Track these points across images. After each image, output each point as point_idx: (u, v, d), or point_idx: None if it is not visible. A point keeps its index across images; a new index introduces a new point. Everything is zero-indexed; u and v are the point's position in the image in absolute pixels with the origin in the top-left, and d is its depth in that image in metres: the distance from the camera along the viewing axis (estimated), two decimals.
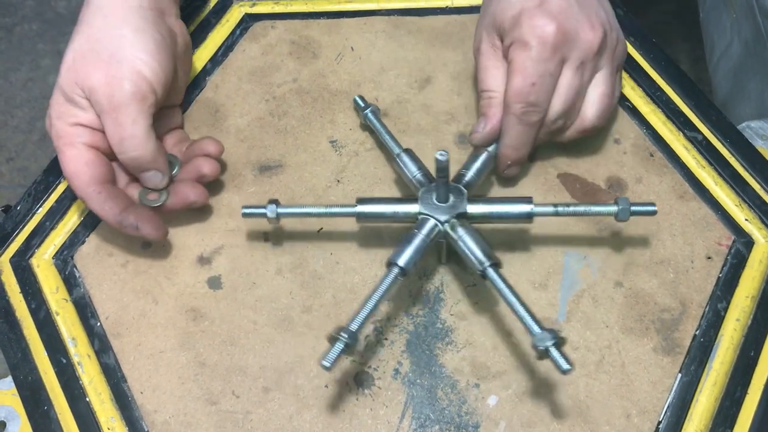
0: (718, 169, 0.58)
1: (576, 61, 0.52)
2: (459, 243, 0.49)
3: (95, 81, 0.50)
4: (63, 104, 0.52)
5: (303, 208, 0.52)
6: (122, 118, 0.50)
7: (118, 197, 0.52)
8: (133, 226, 0.51)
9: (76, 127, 0.51)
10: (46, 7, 1.80)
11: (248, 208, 0.52)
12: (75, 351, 0.51)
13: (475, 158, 0.55)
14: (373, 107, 0.59)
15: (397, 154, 0.55)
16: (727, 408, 0.49)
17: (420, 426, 0.48)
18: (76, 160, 0.51)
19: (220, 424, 0.49)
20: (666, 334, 0.51)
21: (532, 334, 0.45)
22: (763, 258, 0.54)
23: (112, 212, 0.51)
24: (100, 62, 0.51)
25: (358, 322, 0.46)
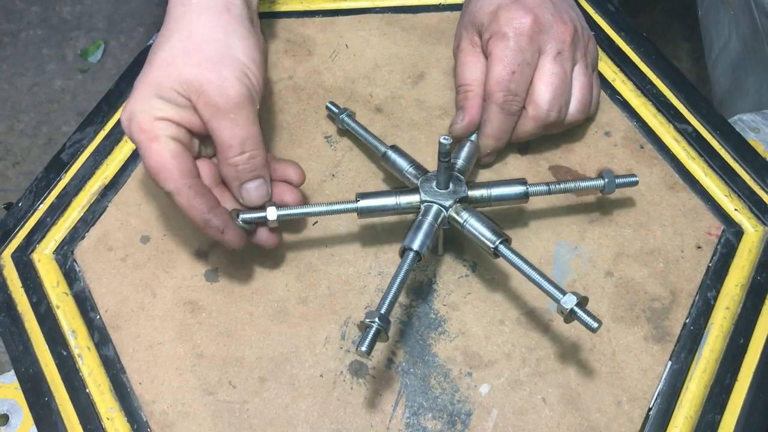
0: (708, 160, 0.58)
1: (553, 51, 0.55)
2: (466, 225, 0.50)
3: (204, 80, 0.48)
4: (151, 99, 0.49)
5: (304, 208, 0.52)
6: (241, 118, 0.49)
7: (207, 195, 0.49)
8: (218, 228, 0.49)
9: (161, 121, 0.49)
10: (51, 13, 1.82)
11: (247, 214, 0.51)
12: (75, 343, 0.52)
13: (461, 147, 0.56)
14: (348, 111, 0.59)
15: (384, 152, 0.55)
16: (717, 395, 0.49)
17: (413, 414, 0.49)
18: (163, 153, 0.48)
19: (217, 414, 0.49)
20: (656, 322, 0.52)
21: (555, 299, 0.46)
22: (753, 247, 0.54)
23: (200, 209, 0.49)
24: (209, 63, 0.49)
25: (386, 305, 0.46)
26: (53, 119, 1.66)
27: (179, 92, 0.49)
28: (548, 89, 0.55)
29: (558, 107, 0.55)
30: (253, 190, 0.51)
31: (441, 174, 0.51)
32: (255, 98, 0.51)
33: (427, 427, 0.49)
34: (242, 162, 0.50)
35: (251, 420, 0.49)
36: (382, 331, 0.44)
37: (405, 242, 0.49)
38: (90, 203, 0.58)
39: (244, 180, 0.51)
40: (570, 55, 0.55)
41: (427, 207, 0.51)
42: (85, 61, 1.75)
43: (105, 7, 1.84)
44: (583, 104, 0.57)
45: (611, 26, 0.65)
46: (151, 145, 0.48)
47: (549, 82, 0.55)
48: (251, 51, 0.51)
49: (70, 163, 0.60)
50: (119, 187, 0.59)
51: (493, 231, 0.49)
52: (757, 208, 0.56)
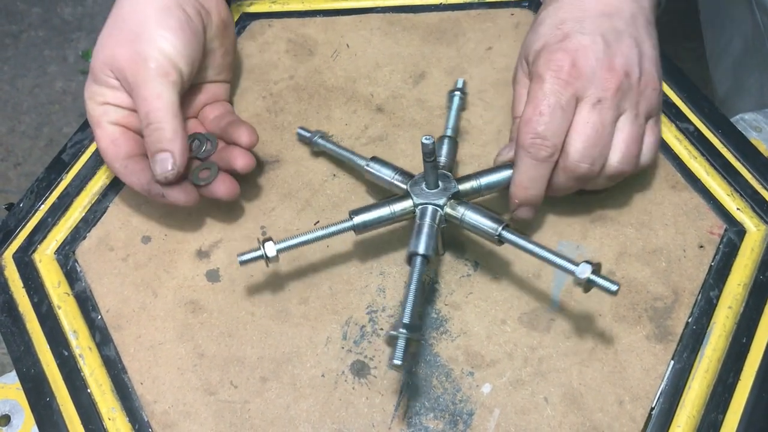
0: (710, 160, 0.58)
1: (592, 99, 0.50)
2: (465, 219, 0.50)
3: (121, 59, 0.52)
4: (92, 85, 0.54)
5: (301, 237, 0.51)
6: (146, 92, 0.52)
7: (144, 171, 0.53)
8: (159, 194, 0.53)
9: (104, 106, 0.54)
10: (52, 14, 1.83)
11: (244, 255, 0.50)
12: (76, 344, 0.52)
13: (440, 145, 0.56)
14: (320, 133, 0.59)
15: (366, 164, 0.55)
16: (720, 394, 0.49)
17: (415, 414, 0.49)
18: (103, 138, 0.53)
19: (218, 414, 0.49)
20: (659, 321, 0.52)
21: (570, 272, 0.46)
22: (755, 246, 0.54)
23: (139, 183, 0.53)
24: (126, 41, 0.52)
25: (409, 313, 0.46)
26: (54, 120, 1.66)
27: (107, 74, 0.53)
28: (579, 138, 0.50)
29: (591, 159, 0.50)
30: (158, 163, 0.52)
31: (428, 174, 0.50)
32: (168, 70, 0.52)
33: (429, 426, 0.48)
34: (147, 134, 0.52)
35: (252, 420, 0.49)
36: (412, 340, 0.44)
37: (410, 248, 0.49)
38: (91, 203, 0.58)
39: (152, 151, 0.52)
40: (613, 104, 0.50)
41: (422, 210, 0.51)
42: (86, 62, 1.75)
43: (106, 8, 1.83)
44: (626, 156, 0.51)
45: None
46: (96, 132, 0.54)
47: (581, 131, 0.50)
48: (170, 22, 0.53)
49: (72, 164, 0.60)
50: (120, 188, 0.59)
51: (492, 219, 0.49)
52: (759, 207, 0.56)
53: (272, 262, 0.50)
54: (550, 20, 0.54)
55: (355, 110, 0.62)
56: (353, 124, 0.61)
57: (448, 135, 0.57)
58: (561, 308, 0.52)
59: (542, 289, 0.53)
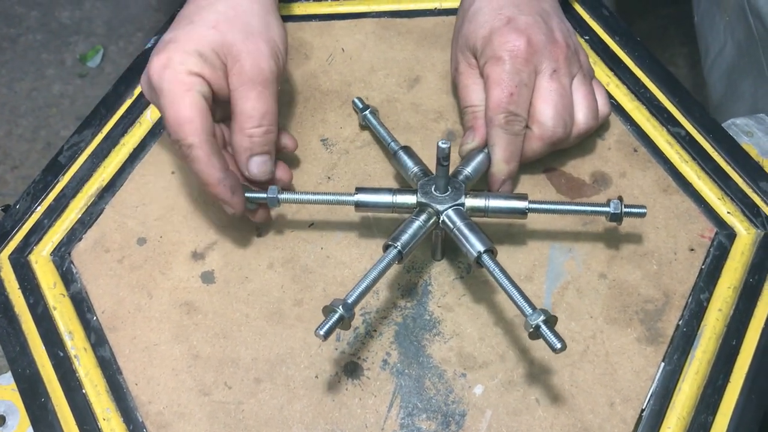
0: (701, 164, 0.59)
1: (549, 70, 0.55)
2: (455, 231, 0.50)
3: (243, 49, 0.51)
4: (191, 53, 0.51)
5: (304, 195, 0.53)
6: (267, 93, 0.52)
7: (223, 156, 0.51)
8: (231, 188, 0.51)
9: (196, 76, 0.50)
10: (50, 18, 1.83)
11: (251, 192, 0.53)
12: (72, 344, 0.53)
13: (471, 158, 0.56)
14: (371, 108, 0.60)
15: (395, 152, 0.56)
16: (710, 396, 0.50)
17: (408, 415, 0.49)
18: (194, 105, 0.49)
19: (212, 414, 0.50)
20: (649, 324, 0.52)
21: (525, 314, 0.46)
22: (745, 249, 0.55)
23: (216, 167, 0.50)
24: (250, 35, 0.52)
25: (355, 295, 0.47)
26: (52, 124, 1.66)
27: (218, 54, 0.51)
28: (549, 106, 0.55)
29: (563, 123, 0.55)
30: (261, 164, 0.53)
31: (439, 178, 0.51)
32: (280, 79, 0.54)
33: (422, 427, 0.49)
34: (258, 134, 0.52)
35: (246, 421, 0.49)
36: (345, 319, 0.45)
37: (390, 238, 0.50)
38: (87, 205, 0.59)
39: (255, 152, 0.52)
40: (566, 71, 0.56)
41: (421, 208, 0.52)
42: (84, 65, 1.75)
43: (104, 12, 1.85)
44: (590, 110, 0.56)
45: (605, 31, 0.66)
46: (185, 96, 0.49)
47: (549, 99, 0.55)
48: (283, 34, 0.56)
49: (68, 166, 0.61)
50: (116, 190, 0.59)
51: (479, 240, 0.49)
52: (749, 210, 0.56)
53: (272, 206, 0.54)
54: (487, 8, 0.57)
55: (350, 114, 0.62)
56: (348, 128, 0.62)
57: (484, 151, 0.56)
58: (553, 310, 0.53)
59: (534, 291, 0.54)
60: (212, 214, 0.58)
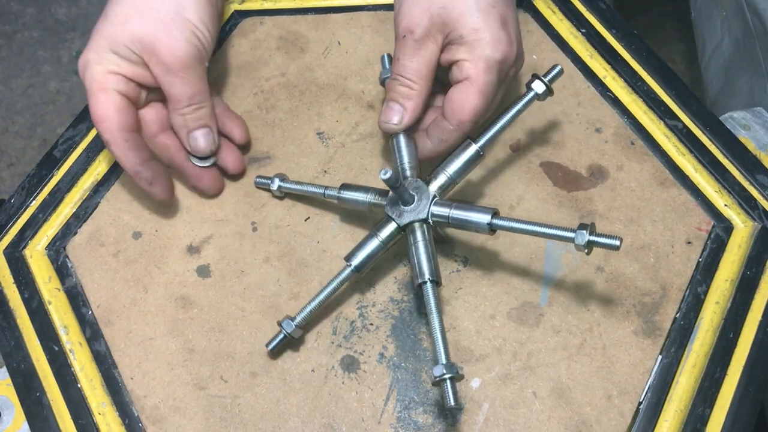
0: (698, 156, 0.58)
1: (505, 78, 0.53)
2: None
3: (156, 40, 0.52)
4: (106, 52, 0.52)
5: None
6: (190, 76, 0.53)
7: (142, 149, 0.53)
8: (147, 180, 0.53)
9: (114, 75, 0.53)
10: (46, 15, 1.82)
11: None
12: (67, 339, 0.52)
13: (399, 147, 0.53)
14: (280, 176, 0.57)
15: (338, 192, 0.54)
16: (707, 388, 0.50)
17: (404, 408, 0.49)
18: (108, 104, 0.52)
19: (208, 408, 0.49)
20: (647, 317, 0.52)
21: (570, 239, 0.45)
22: (742, 242, 0.55)
23: (132, 161, 0.52)
24: (160, 23, 0.52)
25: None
26: (48, 121, 1.66)
27: (132, 50, 0.53)
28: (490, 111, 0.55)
29: None
30: (201, 137, 0.55)
31: (401, 196, 0.49)
32: (204, 57, 0.55)
33: (418, 420, 0.49)
34: (189, 112, 0.54)
35: (242, 414, 0.49)
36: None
37: (417, 278, 0.48)
38: (82, 199, 0.58)
39: (191, 128, 0.55)
40: None
41: (410, 229, 0.50)
42: None
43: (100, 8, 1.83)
44: None
45: (602, 24, 0.66)
46: (99, 96, 0.52)
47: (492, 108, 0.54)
48: (201, 11, 0.55)
49: (63, 160, 0.60)
50: (111, 184, 0.59)
51: (480, 210, 0.48)
52: (746, 203, 0.56)
53: (275, 196, 0.57)
54: None
55: (346, 107, 0.62)
56: (344, 121, 0.61)
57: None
58: (550, 303, 0.53)
59: (531, 284, 0.53)
60: (207, 208, 0.58)
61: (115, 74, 0.53)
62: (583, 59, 0.64)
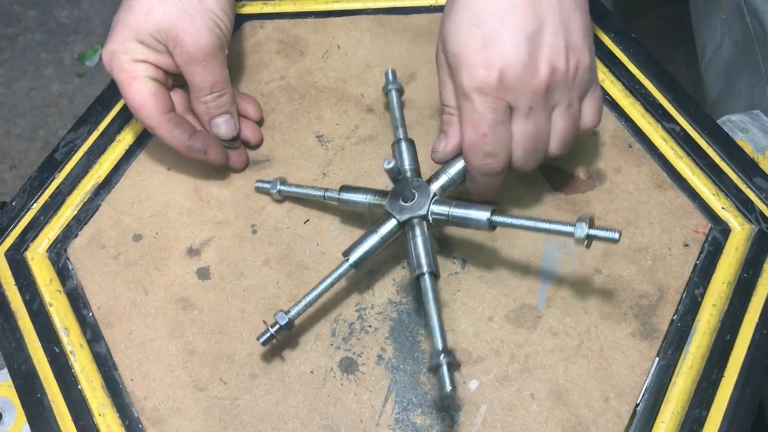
0: (696, 159, 0.59)
1: (524, 108, 0.48)
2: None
3: (180, 30, 0.54)
4: (131, 42, 0.54)
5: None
6: (212, 65, 0.55)
7: (185, 124, 0.56)
8: (201, 150, 0.56)
9: (140, 63, 0.54)
10: (48, 18, 1.83)
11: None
12: (68, 340, 0.53)
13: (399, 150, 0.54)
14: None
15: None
16: (704, 390, 0.50)
17: (403, 409, 0.49)
18: (142, 91, 0.54)
19: (208, 410, 0.50)
20: (644, 319, 0.52)
21: (569, 234, 0.45)
22: (739, 245, 0.55)
23: (181, 138, 0.55)
24: (184, 13, 0.54)
25: (440, 338, 0.45)
26: (50, 123, 1.66)
27: (156, 39, 0.54)
28: (521, 151, 0.50)
29: (534, 161, 0.51)
30: (222, 124, 0.58)
31: (402, 191, 0.50)
32: (224, 44, 0.57)
33: (417, 422, 0.49)
34: (211, 100, 0.57)
35: (242, 416, 0.49)
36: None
37: (414, 270, 0.48)
38: (83, 202, 0.59)
39: (213, 115, 0.57)
40: (544, 105, 0.49)
41: (409, 225, 0.50)
42: (82, 65, 1.75)
43: (102, 11, 1.85)
44: (564, 143, 0.51)
45: (600, 27, 0.66)
46: (132, 84, 0.54)
47: (521, 144, 0.50)
48: (222, 1, 0.56)
49: (64, 163, 0.61)
50: (112, 186, 0.60)
51: (479, 207, 0.48)
52: (744, 206, 0.57)
53: (275, 199, 0.58)
54: (467, 13, 0.48)
55: (345, 110, 0.62)
56: (344, 124, 0.62)
57: (401, 138, 0.55)
58: (547, 305, 0.53)
59: (529, 286, 0.54)
60: (207, 210, 0.58)
61: (143, 62, 0.54)
62: None
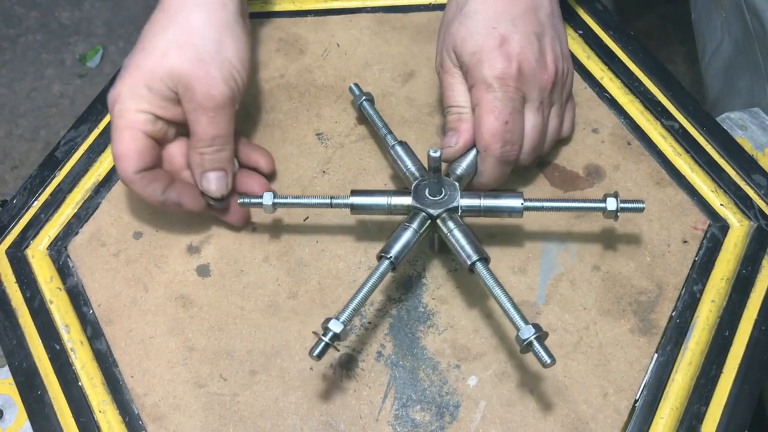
0: (695, 157, 0.59)
1: (536, 102, 0.53)
2: (449, 237, 0.50)
3: (193, 77, 0.51)
4: (140, 87, 0.51)
5: (300, 199, 0.53)
6: (219, 117, 0.52)
7: (159, 179, 0.53)
8: (176, 203, 0.53)
9: (145, 114, 0.52)
10: (50, 18, 1.83)
11: (245, 199, 0.53)
12: (68, 338, 0.53)
13: (465, 154, 0.55)
14: (368, 96, 0.60)
15: (392, 146, 0.56)
16: (703, 386, 0.50)
17: (402, 406, 0.50)
18: (129, 145, 0.51)
19: (208, 406, 0.50)
20: (643, 315, 0.52)
21: (517, 328, 0.46)
22: (738, 241, 0.55)
23: (154, 194, 0.52)
24: (200, 61, 0.51)
25: (347, 314, 0.47)
26: (52, 124, 1.66)
27: (167, 85, 0.51)
28: (529, 143, 0.54)
29: (535, 154, 0.56)
30: (213, 181, 0.54)
31: (431, 185, 0.51)
32: (236, 99, 0.54)
33: (416, 418, 0.49)
34: (209, 153, 0.53)
35: (242, 412, 0.50)
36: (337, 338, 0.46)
37: (383, 249, 0.49)
38: (83, 200, 0.59)
39: (206, 169, 0.53)
40: (549, 101, 0.55)
41: (414, 213, 0.51)
42: (83, 66, 1.76)
43: (103, 12, 1.85)
44: (553, 140, 0.57)
45: (599, 25, 0.66)
46: (124, 133, 0.51)
47: (530, 136, 0.54)
48: (241, 52, 0.54)
49: (65, 161, 0.61)
50: (112, 184, 0.60)
51: (473, 247, 0.49)
52: (742, 203, 0.57)
53: (267, 212, 0.54)
54: (482, 16, 0.54)
55: (345, 108, 0.63)
56: (343, 122, 0.62)
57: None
58: (546, 302, 0.53)
59: (528, 283, 0.54)
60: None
61: (146, 113, 0.52)
62: (581, 60, 0.65)
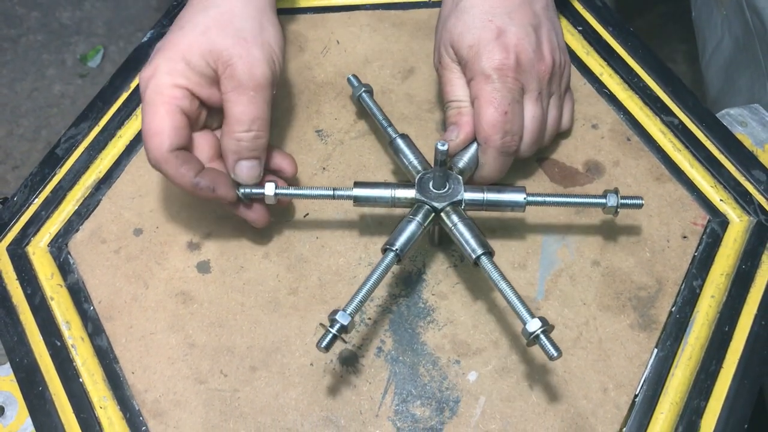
0: (694, 152, 0.59)
1: (534, 92, 0.54)
2: (453, 231, 0.50)
3: (235, 54, 0.50)
4: (178, 61, 0.50)
5: (301, 190, 0.53)
6: (259, 98, 0.50)
7: (192, 161, 0.50)
8: (209, 188, 0.50)
9: (181, 89, 0.50)
10: (50, 19, 1.84)
11: (246, 188, 0.52)
12: (69, 334, 0.53)
13: (466, 148, 0.55)
14: (367, 87, 0.60)
15: (392, 140, 0.56)
16: (702, 381, 0.50)
17: (402, 401, 0.50)
18: (165, 119, 0.49)
19: (208, 402, 0.50)
20: (642, 310, 0.52)
21: (523, 321, 0.46)
22: (738, 237, 0.55)
23: (187, 176, 0.50)
24: (242, 40, 0.50)
25: (354, 306, 0.47)
26: (53, 124, 1.67)
27: (207, 61, 0.50)
28: (529, 135, 0.54)
29: (535, 146, 0.56)
30: (247, 169, 0.51)
31: (436, 178, 0.51)
32: (275, 83, 0.52)
33: (416, 414, 0.49)
34: (246, 139, 0.50)
35: (242, 408, 0.50)
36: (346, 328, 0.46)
37: (388, 241, 0.49)
38: (84, 197, 0.59)
39: (242, 156, 0.51)
40: (547, 91, 0.55)
41: (418, 206, 0.51)
42: (84, 65, 1.76)
43: (104, 12, 1.85)
44: (551, 133, 0.57)
45: (599, 21, 0.66)
46: (159, 109, 0.49)
47: (530, 127, 0.54)
48: (278, 38, 0.54)
49: (65, 158, 0.61)
50: (113, 181, 0.60)
51: (477, 241, 0.49)
52: (742, 198, 0.57)
53: (269, 202, 0.53)
54: (478, 10, 0.54)
55: (344, 105, 0.63)
56: (343, 119, 0.62)
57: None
58: (546, 297, 0.53)
59: (528, 278, 0.54)
60: (207, 205, 0.58)
61: (182, 88, 0.50)
62: (580, 56, 0.65)
